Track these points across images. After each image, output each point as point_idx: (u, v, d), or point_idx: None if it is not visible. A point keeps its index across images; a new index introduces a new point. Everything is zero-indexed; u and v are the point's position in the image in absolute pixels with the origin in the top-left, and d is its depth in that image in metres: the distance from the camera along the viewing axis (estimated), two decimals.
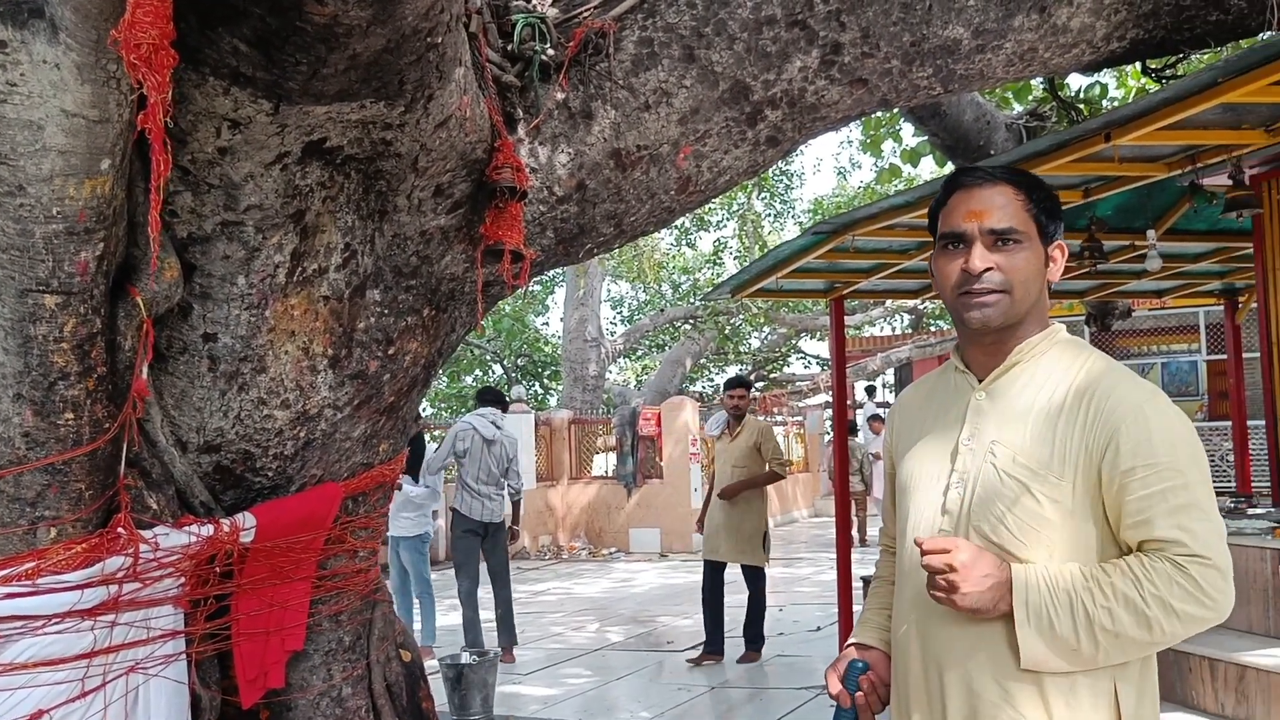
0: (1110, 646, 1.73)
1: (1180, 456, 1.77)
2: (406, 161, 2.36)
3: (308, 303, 2.45)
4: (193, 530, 2.28)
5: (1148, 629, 1.71)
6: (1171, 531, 1.73)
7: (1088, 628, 1.71)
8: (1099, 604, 1.72)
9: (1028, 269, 1.90)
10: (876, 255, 6.60)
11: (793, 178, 26.23)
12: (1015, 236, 1.89)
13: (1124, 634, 1.72)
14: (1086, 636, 1.72)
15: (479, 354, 26.43)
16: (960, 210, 1.92)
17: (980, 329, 1.91)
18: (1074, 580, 1.75)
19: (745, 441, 8.21)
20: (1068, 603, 1.73)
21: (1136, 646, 1.75)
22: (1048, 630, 1.73)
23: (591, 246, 2.97)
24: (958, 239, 1.91)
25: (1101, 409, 1.80)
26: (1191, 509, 1.74)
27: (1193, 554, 1.71)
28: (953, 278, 1.92)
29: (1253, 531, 4.64)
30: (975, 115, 6.85)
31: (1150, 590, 1.70)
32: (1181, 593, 1.70)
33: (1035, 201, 1.93)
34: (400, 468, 2.97)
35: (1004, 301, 1.88)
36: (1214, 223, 6.73)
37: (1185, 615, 1.71)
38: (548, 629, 10.06)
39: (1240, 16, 3.15)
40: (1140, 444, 1.77)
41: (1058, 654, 1.74)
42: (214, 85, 1.98)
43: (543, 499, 17.04)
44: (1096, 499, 1.80)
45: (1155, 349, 14.78)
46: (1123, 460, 1.77)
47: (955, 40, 2.90)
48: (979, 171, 1.98)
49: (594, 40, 2.76)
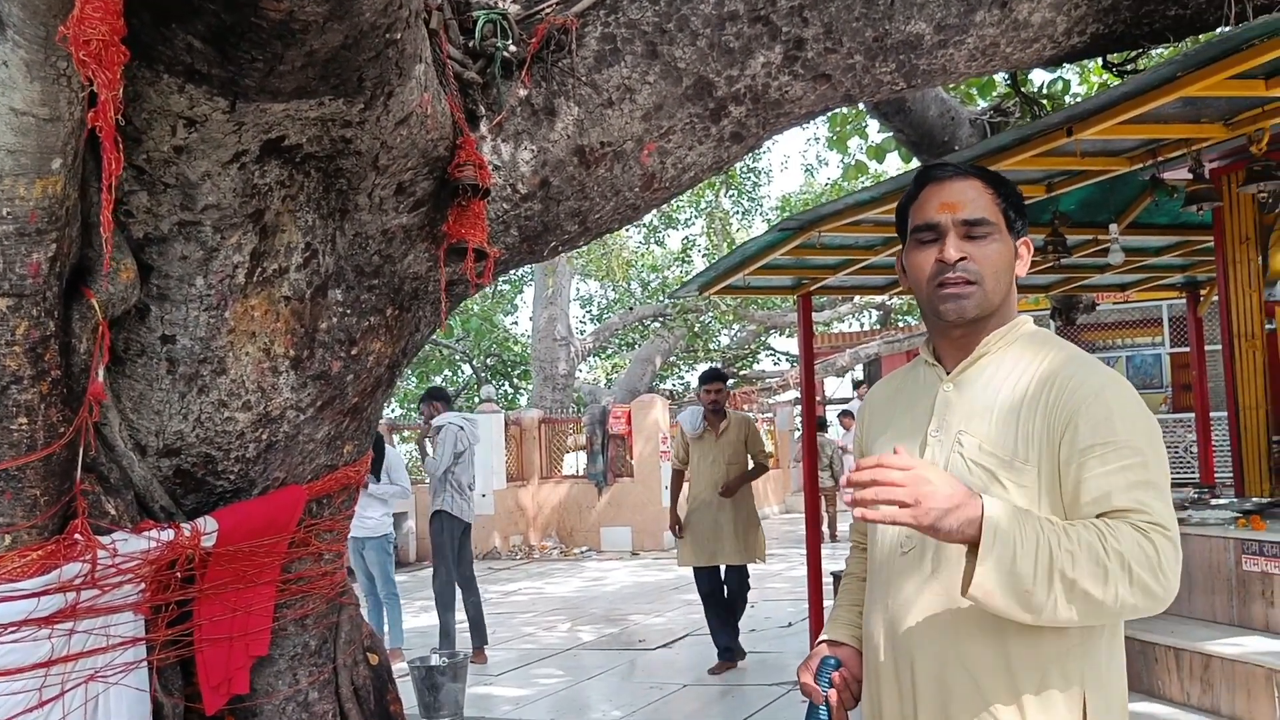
0: (1061, 597, 1.65)
1: (1139, 437, 1.77)
2: (367, 159, 2.33)
3: (268, 303, 2.42)
4: (152, 535, 2.24)
5: (1103, 583, 1.64)
6: (1132, 502, 1.72)
7: (1047, 569, 1.64)
8: (1063, 547, 1.66)
9: (999, 260, 1.91)
10: (843, 251, 6.62)
11: (760, 175, 26.32)
12: (987, 228, 1.90)
13: (1078, 585, 1.64)
14: (1044, 578, 1.64)
15: (448, 354, 26.31)
16: (933, 202, 1.93)
17: (955, 320, 1.91)
18: (1041, 521, 1.70)
19: (735, 437, 7.86)
20: (1034, 538, 1.66)
21: (1085, 604, 1.66)
22: (1008, 563, 1.64)
23: (556, 244, 2.95)
24: (931, 230, 1.93)
25: (1063, 392, 1.82)
26: (1150, 487, 1.74)
27: (1154, 523, 1.70)
28: (927, 269, 1.93)
29: (1216, 522, 4.69)
30: (940, 111, 6.89)
31: (1113, 545, 1.66)
32: (1141, 555, 1.66)
33: (1003, 196, 1.95)
34: (366, 469, 2.94)
35: (978, 292, 1.89)
36: (1175, 216, 6.80)
37: (1138, 581, 1.65)
38: (519, 629, 10.03)
39: (1199, 11, 3.18)
40: (1100, 423, 1.77)
41: (1007, 591, 1.65)
42: (168, 82, 1.95)
43: (513, 499, 16.99)
44: (1057, 482, 1.80)
45: (1120, 342, 14.95)
46: (1081, 438, 1.77)
47: (917, 35, 2.91)
48: (949, 165, 2.00)
49: (556, 36, 2.75)
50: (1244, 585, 4.39)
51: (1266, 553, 4.29)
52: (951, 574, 1.81)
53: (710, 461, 7.83)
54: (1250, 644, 4.20)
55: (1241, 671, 4.08)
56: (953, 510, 1.65)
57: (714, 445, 7.85)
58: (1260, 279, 5.64)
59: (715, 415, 7.89)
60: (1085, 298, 9.33)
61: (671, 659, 8.41)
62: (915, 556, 1.89)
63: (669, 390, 26.84)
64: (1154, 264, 8.09)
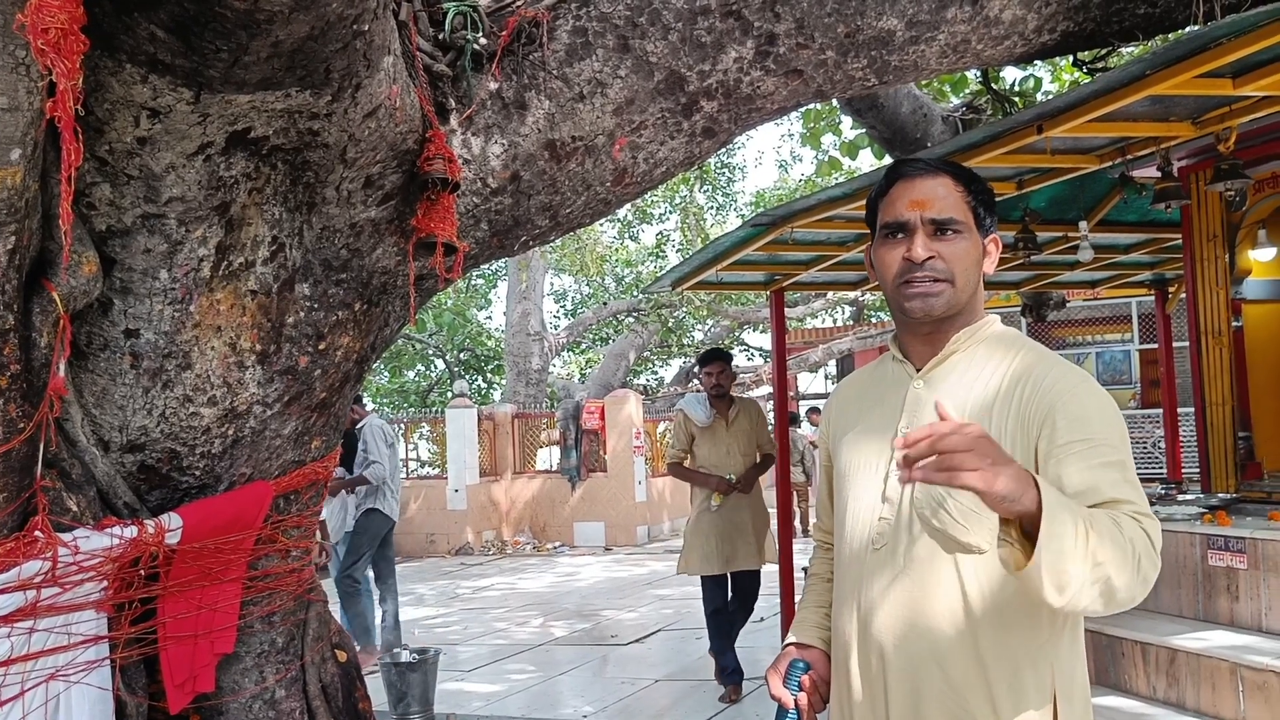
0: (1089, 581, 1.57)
1: (1114, 435, 1.79)
2: (335, 152, 2.31)
3: (234, 297, 2.39)
4: (115, 532, 2.21)
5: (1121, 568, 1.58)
6: (1121, 493, 1.71)
7: (1083, 551, 1.56)
8: (1095, 529, 1.59)
9: (968, 259, 1.91)
10: (815, 247, 6.63)
11: (734, 171, 26.29)
12: (956, 226, 1.90)
13: (1105, 568, 1.57)
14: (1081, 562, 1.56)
15: (420, 348, 26.19)
16: (903, 200, 1.92)
17: (922, 318, 1.91)
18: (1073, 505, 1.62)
19: (747, 424, 6.89)
20: (1073, 518, 1.58)
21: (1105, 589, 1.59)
22: (1059, 540, 1.54)
23: (526, 239, 2.93)
24: (900, 228, 1.92)
25: (1038, 390, 1.82)
26: (1133, 484, 1.75)
27: (1143, 513, 1.70)
28: (894, 267, 1.92)
29: (1183, 517, 4.73)
30: (912, 108, 6.91)
31: (1128, 532, 1.63)
32: (1145, 544, 1.65)
33: (973, 193, 1.95)
34: (334, 464, 2.92)
35: (946, 290, 1.89)
36: (1144, 214, 6.85)
37: (1142, 569, 1.61)
38: (491, 625, 10.00)
39: (1167, 10, 3.20)
40: (1077, 420, 1.78)
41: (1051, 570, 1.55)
42: (131, 73, 1.92)
43: (486, 494, 16.94)
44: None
45: (1090, 339, 15.07)
46: (1060, 434, 1.77)
47: (889, 31, 2.91)
48: (920, 162, 1.99)
49: (527, 29, 2.73)
50: (1209, 580, 4.43)
51: (1231, 548, 4.33)
52: (923, 570, 1.81)
53: (725, 452, 6.80)
54: (1215, 638, 4.24)
55: (1207, 665, 4.12)
56: (1015, 479, 1.54)
57: (725, 434, 6.84)
58: (1227, 276, 5.69)
59: (721, 401, 6.89)
60: (1056, 294, 9.39)
61: (644, 654, 8.41)
62: (887, 553, 1.88)
63: (643, 385, 26.83)
64: (1123, 261, 8.15)
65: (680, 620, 9.38)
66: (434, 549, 16.53)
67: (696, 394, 7.18)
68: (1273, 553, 4.19)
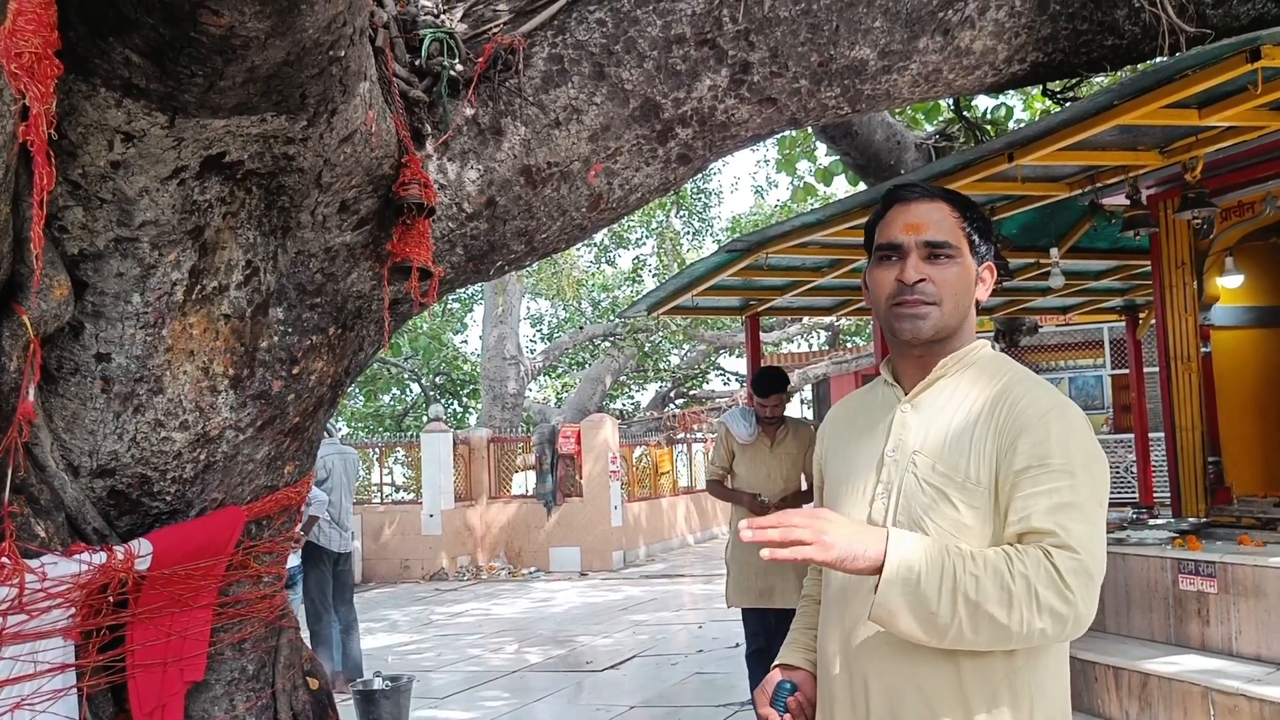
0: (966, 619, 1.68)
1: (1074, 462, 1.79)
2: (310, 177, 2.31)
3: (207, 321, 2.38)
4: (84, 558, 2.19)
5: (1007, 607, 1.67)
6: (1046, 523, 1.74)
7: (951, 592, 1.68)
8: (968, 570, 1.69)
9: (959, 283, 1.93)
10: (790, 273, 6.68)
11: (711, 196, 26.43)
12: (949, 251, 1.92)
13: (983, 607, 1.67)
14: (948, 600, 1.67)
15: (396, 372, 26.08)
16: (898, 223, 1.95)
17: (911, 340, 1.93)
18: (948, 547, 1.73)
19: (794, 448, 6.25)
20: (939, 562, 1.69)
21: (990, 627, 1.69)
22: (912, 585, 1.68)
23: (502, 264, 2.94)
24: (894, 250, 1.94)
25: (1011, 413, 1.84)
26: (1072, 509, 1.75)
27: (1062, 545, 1.71)
28: (887, 288, 1.94)
29: (1154, 542, 4.77)
30: (886, 135, 6.98)
31: (1019, 568, 1.69)
32: (1047, 578, 1.68)
33: (969, 220, 1.97)
34: (307, 490, 2.90)
35: (935, 313, 1.91)
36: (1114, 241, 6.94)
37: (1044, 604, 1.67)
38: (465, 651, 9.93)
39: (1134, 42, 3.26)
40: (1037, 445, 1.80)
41: (913, 613, 1.69)
42: (105, 97, 1.92)
43: (461, 519, 16.85)
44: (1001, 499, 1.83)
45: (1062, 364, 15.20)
46: (1018, 460, 1.80)
47: (862, 61, 2.95)
48: (917, 187, 2.02)
49: (503, 56, 2.74)
50: (1180, 604, 4.46)
51: (1202, 572, 4.37)
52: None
53: (764, 475, 6.20)
54: (1186, 662, 4.27)
55: (1178, 690, 4.14)
56: (854, 539, 1.70)
57: (768, 455, 6.24)
58: (1196, 303, 5.77)
59: (771, 425, 6.27)
60: (1028, 320, 9.48)
61: (619, 680, 8.37)
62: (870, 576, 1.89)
63: (619, 410, 26.82)
64: (1094, 287, 8.25)
65: (656, 646, 9.34)
66: (408, 574, 16.41)
67: (741, 406, 6.63)
68: (1242, 577, 4.23)
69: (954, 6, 2.97)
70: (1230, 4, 3.25)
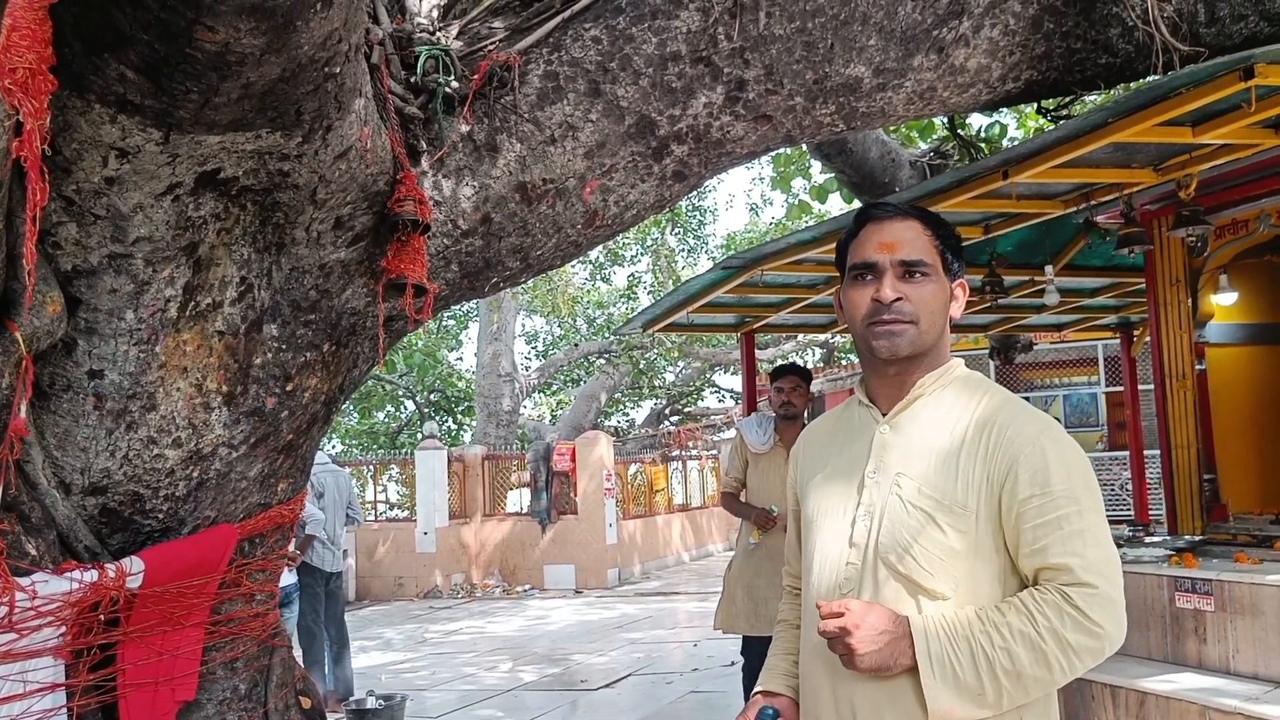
0: (1013, 688, 1.74)
1: (1075, 485, 1.81)
2: (305, 193, 2.31)
3: (201, 338, 2.37)
4: (75, 576, 2.17)
5: (1046, 666, 1.73)
6: (1062, 558, 1.77)
7: (990, 672, 1.73)
8: (998, 646, 1.74)
9: (934, 301, 1.93)
10: (785, 290, 6.68)
11: (706, 213, 26.50)
12: (924, 269, 1.92)
13: (1025, 673, 1.73)
14: (990, 680, 1.73)
15: (390, 389, 26.05)
16: (872, 242, 1.95)
17: (888, 358, 1.93)
18: (971, 625, 1.77)
19: None
20: (968, 649, 1.75)
21: (1038, 684, 1.76)
22: (952, 679, 1.74)
23: (497, 280, 2.93)
24: (869, 269, 1.95)
25: (1001, 440, 1.84)
26: (1085, 534, 1.78)
27: (1079, 581, 1.75)
28: (863, 307, 1.94)
29: (1150, 559, 4.75)
30: (880, 153, 7.00)
31: (1044, 624, 1.73)
32: (1072, 624, 1.73)
33: (941, 238, 1.98)
34: (300, 507, 2.89)
35: (911, 331, 1.91)
36: (1108, 259, 6.95)
37: (1079, 647, 1.73)
38: (460, 670, 9.87)
39: (1128, 60, 3.27)
40: (1037, 473, 1.80)
41: (965, 701, 1.75)
42: (100, 113, 1.91)
43: (456, 536, 16.79)
44: (998, 528, 1.83)
45: (1057, 381, 15.22)
46: (1020, 489, 1.80)
47: (856, 79, 2.95)
48: (889, 206, 2.03)
49: (499, 73, 2.75)
50: (1177, 622, 4.45)
51: (1198, 590, 4.35)
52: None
53: (779, 486, 5.45)
54: (1183, 680, 4.25)
55: (1176, 708, 4.12)
56: (885, 648, 1.76)
57: (783, 464, 5.37)
58: (1190, 320, 5.77)
59: (789, 425, 5.58)
60: (1023, 337, 9.48)
61: (614, 699, 8.32)
62: (854, 597, 1.88)
63: (614, 427, 26.80)
64: (1089, 305, 8.26)
65: (651, 665, 9.29)
66: (402, 592, 16.34)
67: (759, 413, 6.08)
68: (1239, 595, 4.21)
69: (949, 25, 2.98)
70: (1223, 23, 3.27)
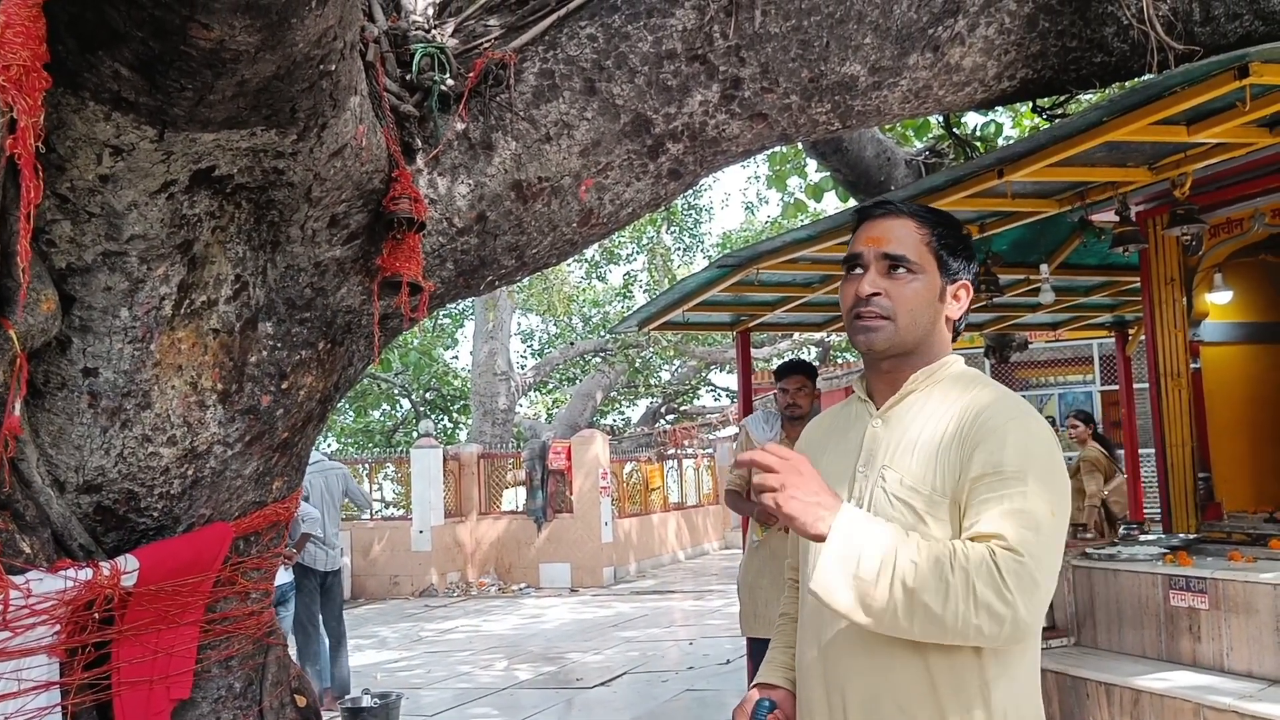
0: (901, 604, 1.67)
1: (1029, 471, 1.78)
2: (300, 191, 2.30)
3: (196, 336, 2.37)
4: (69, 574, 2.17)
5: (943, 597, 1.66)
6: (995, 527, 1.73)
7: (889, 575, 1.67)
8: (909, 557, 1.68)
9: (916, 300, 1.93)
10: (780, 289, 6.68)
11: (702, 212, 26.53)
12: (908, 265, 1.93)
13: (918, 595, 1.67)
14: (885, 583, 1.67)
15: (386, 388, 26.04)
16: (862, 236, 1.99)
17: (865, 351, 1.97)
18: (896, 534, 1.73)
19: None
20: (881, 544, 1.69)
21: (925, 617, 1.68)
22: (852, 562, 1.68)
23: (492, 278, 2.93)
24: (856, 263, 1.98)
25: (975, 424, 1.85)
26: (1023, 515, 1.74)
27: (1008, 547, 1.70)
28: (848, 301, 1.98)
29: (1145, 558, 4.76)
30: (876, 151, 7.01)
31: (960, 561, 1.68)
32: (987, 575, 1.67)
33: (938, 237, 1.97)
34: (296, 505, 2.88)
35: (887, 328, 1.92)
36: (1103, 257, 6.96)
37: (981, 600, 1.66)
38: (455, 668, 9.87)
39: (1123, 59, 3.27)
40: (993, 453, 1.80)
41: (850, 588, 1.69)
42: (94, 110, 1.91)
43: (451, 535, 16.79)
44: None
45: (1052, 380, 15.22)
46: (974, 468, 1.80)
47: (852, 77, 2.95)
48: (886, 204, 2.04)
49: (494, 71, 2.74)
50: (1172, 620, 4.45)
51: (1193, 588, 4.36)
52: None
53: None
54: (1178, 678, 4.25)
55: (1170, 706, 4.13)
56: (812, 504, 1.72)
57: None
58: (1185, 319, 5.78)
59: (794, 424, 5.46)
60: (1018, 336, 9.49)
61: (609, 697, 8.33)
62: None
63: (609, 426, 26.80)
64: (1084, 303, 8.26)
65: (646, 663, 9.30)
66: (398, 591, 16.34)
67: (765, 410, 6.06)
68: (1233, 593, 4.22)
69: (944, 23, 2.98)
70: (1218, 22, 3.28)
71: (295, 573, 7.70)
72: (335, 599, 8.26)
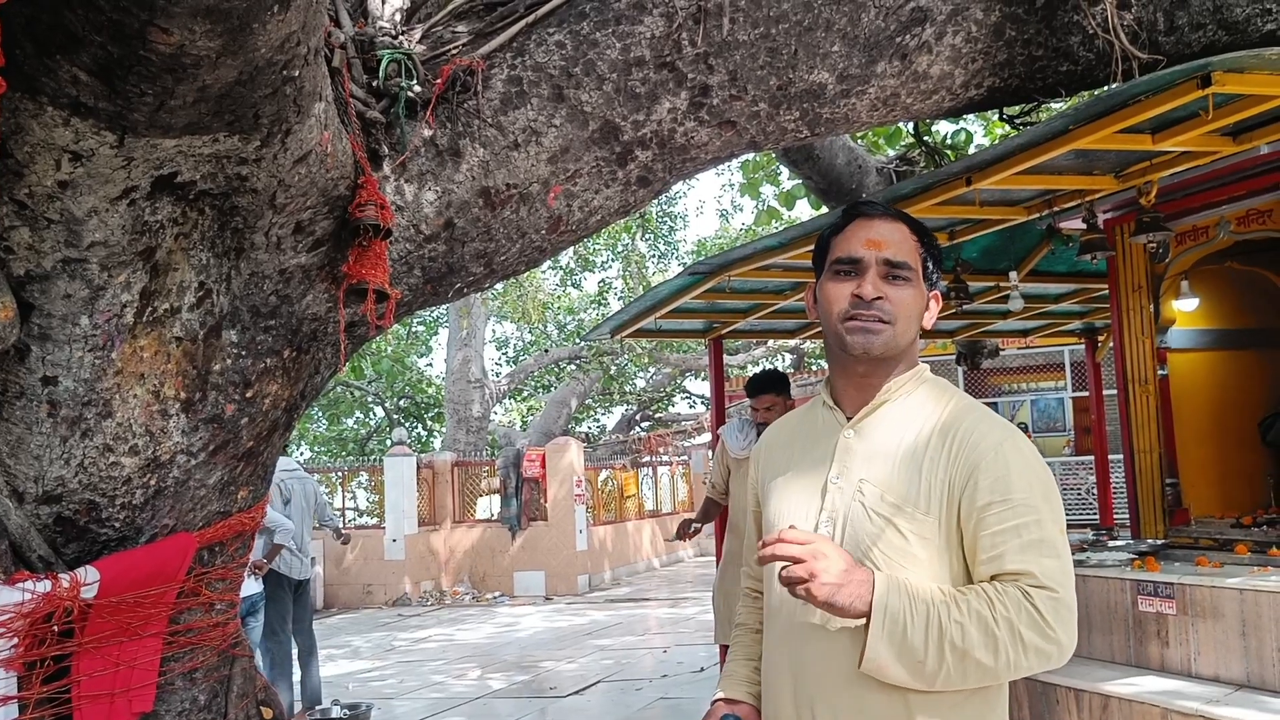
0: (954, 666, 1.72)
1: (1035, 494, 1.81)
2: (264, 198, 2.28)
3: (158, 344, 2.34)
4: (27, 587, 2.13)
5: (994, 652, 1.71)
6: (1021, 564, 1.76)
7: (938, 641, 1.71)
8: (953, 619, 1.72)
9: (913, 306, 1.94)
10: (753, 296, 6.69)
11: (676, 219, 26.54)
12: (906, 273, 1.92)
13: (970, 654, 1.71)
14: (935, 650, 1.71)
15: (359, 396, 25.90)
16: (859, 238, 1.94)
17: (860, 355, 1.92)
18: (932, 594, 1.76)
19: None
20: (924, 612, 1.73)
21: (979, 671, 1.73)
22: (899, 637, 1.72)
23: (461, 286, 2.92)
24: (853, 265, 1.93)
25: (963, 445, 1.84)
26: (1042, 544, 1.78)
27: (1040, 585, 1.75)
28: (841, 303, 1.93)
29: (1114, 563, 4.79)
30: (847, 159, 7.04)
31: (1001, 612, 1.72)
32: (1028, 619, 1.72)
33: (925, 245, 1.98)
34: (261, 515, 2.85)
35: (888, 332, 1.90)
36: (1072, 265, 7.02)
37: (1029, 644, 1.72)
38: (428, 678, 9.81)
39: (1089, 68, 3.30)
40: (998, 480, 1.80)
41: (901, 663, 1.73)
42: (53, 115, 1.88)
43: (425, 543, 16.70)
44: (956, 533, 1.82)
45: (1024, 386, 15.33)
46: (980, 496, 1.80)
47: (820, 85, 2.96)
48: (879, 205, 2.02)
49: (462, 78, 2.73)
50: (1140, 625, 4.48)
51: (1160, 593, 4.39)
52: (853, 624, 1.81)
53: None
54: (1146, 683, 4.28)
55: (1139, 711, 4.16)
56: (845, 586, 1.72)
57: None
58: (1153, 326, 5.83)
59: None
60: (989, 343, 9.55)
61: (584, 706, 8.30)
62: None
63: (584, 433, 26.76)
64: (1054, 310, 8.32)
65: (621, 671, 9.27)
66: (371, 600, 16.23)
67: (740, 418, 6.01)
68: (1200, 598, 4.25)
69: (911, 32, 2.99)
70: (1182, 32, 3.31)
71: (269, 582, 7.62)
72: (306, 609, 8.18)
